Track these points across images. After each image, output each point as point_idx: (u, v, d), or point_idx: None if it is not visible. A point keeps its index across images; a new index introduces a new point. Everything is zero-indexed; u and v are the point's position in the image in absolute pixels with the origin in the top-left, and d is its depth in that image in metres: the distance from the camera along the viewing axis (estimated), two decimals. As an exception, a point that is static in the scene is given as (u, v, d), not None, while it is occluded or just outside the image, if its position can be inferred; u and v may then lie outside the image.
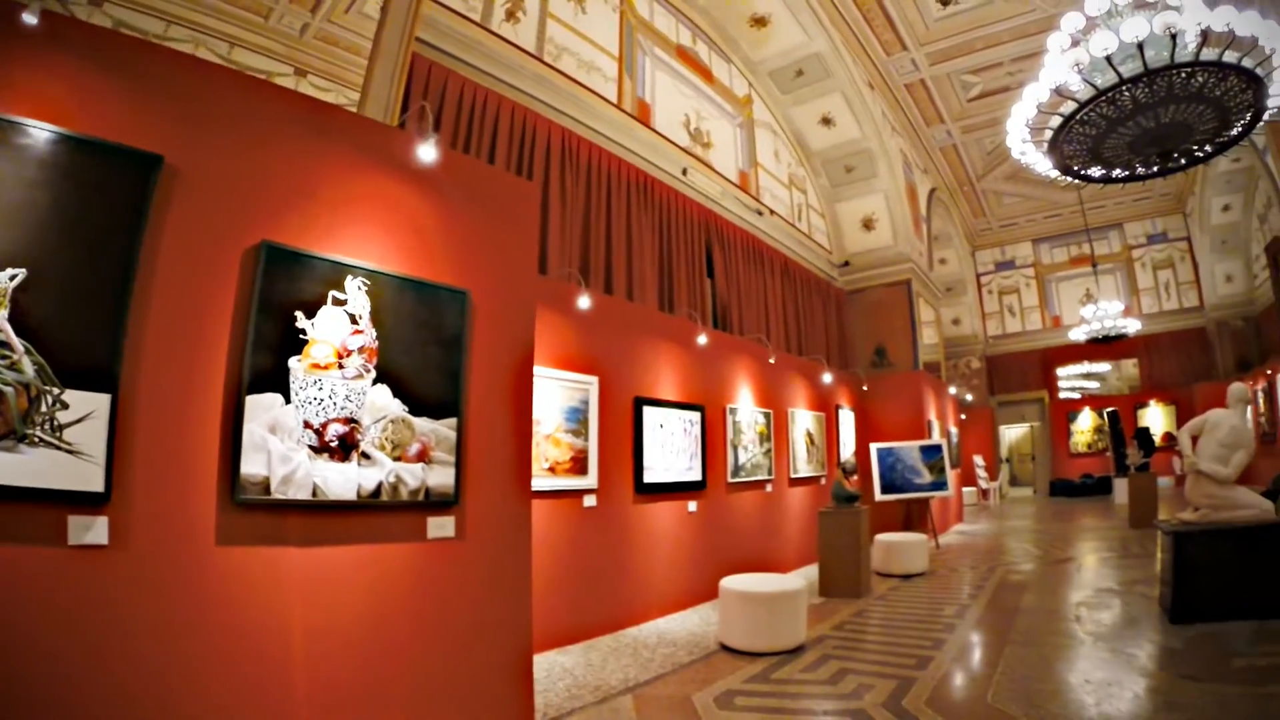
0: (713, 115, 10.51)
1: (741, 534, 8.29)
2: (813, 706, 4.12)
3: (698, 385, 7.72)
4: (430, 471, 3.25)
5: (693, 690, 4.43)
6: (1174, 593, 5.67)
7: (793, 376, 10.04)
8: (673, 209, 8.85)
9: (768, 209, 11.41)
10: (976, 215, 21.35)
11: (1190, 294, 20.45)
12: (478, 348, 3.59)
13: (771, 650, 5.24)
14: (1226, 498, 5.79)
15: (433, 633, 3.25)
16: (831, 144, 13.22)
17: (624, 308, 7.12)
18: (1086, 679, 4.42)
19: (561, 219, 7.05)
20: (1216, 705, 3.83)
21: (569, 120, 7.57)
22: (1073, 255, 21.66)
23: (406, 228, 3.44)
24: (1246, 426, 5.98)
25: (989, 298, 23.01)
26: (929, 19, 12.28)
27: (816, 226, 13.46)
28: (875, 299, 13.79)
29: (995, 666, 4.78)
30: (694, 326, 7.81)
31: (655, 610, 6.67)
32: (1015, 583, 7.90)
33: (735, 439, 8.21)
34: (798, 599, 5.42)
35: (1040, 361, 22.29)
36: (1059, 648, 5.20)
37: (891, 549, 8.64)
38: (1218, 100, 5.60)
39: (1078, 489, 20.35)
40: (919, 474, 11.31)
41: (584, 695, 4.38)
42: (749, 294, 10.30)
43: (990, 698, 4.13)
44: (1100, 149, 6.29)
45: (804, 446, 10.03)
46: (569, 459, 5.89)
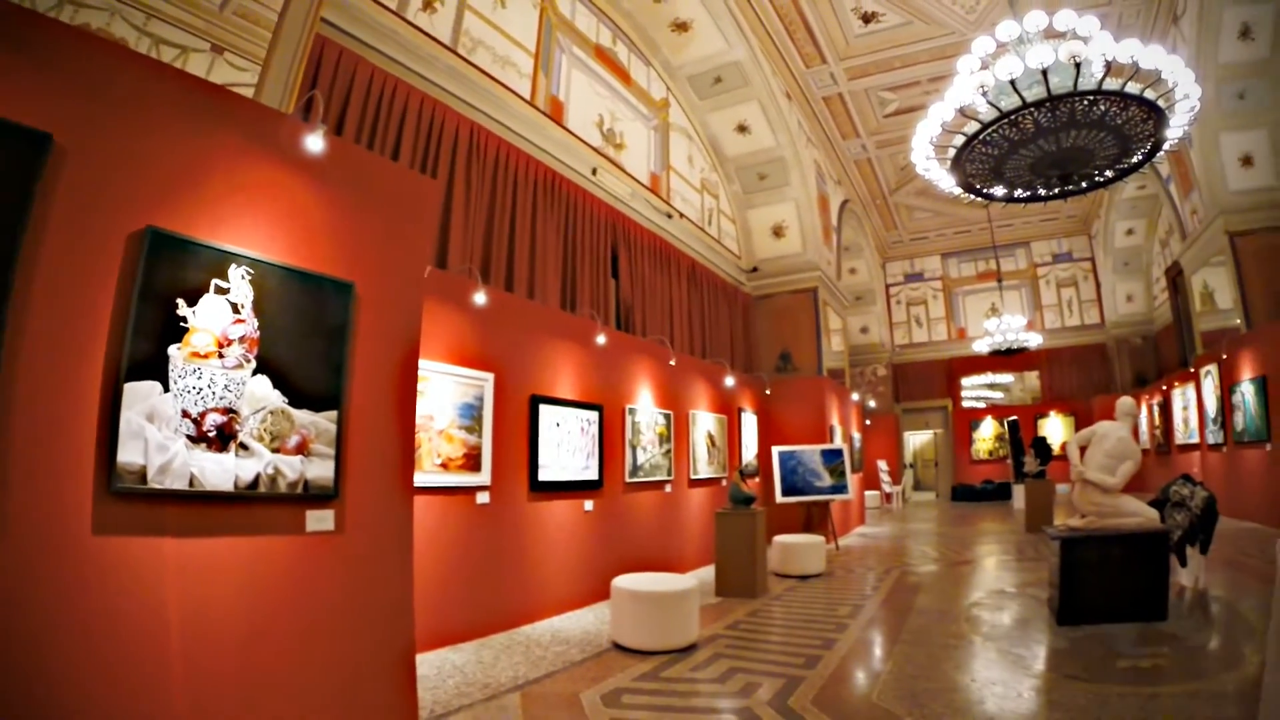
0: (627, 117, 10.72)
1: (639, 534, 8.51)
2: (698, 705, 4.22)
3: (597, 385, 7.92)
4: (309, 464, 3.28)
5: (582, 688, 4.52)
6: (1061, 596, 5.95)
7: (695, 379, 10.35)
8: (580, 208, 9.00)
9: (677, 212, 11.70)
10: (888, 228, 22.28)
11: (1092, 311, 22.15)
12: (362, 341, 3.61)
13: (663, 649, 5.38)
14: (1113, 506, 6.13)
15: (313, 627, 3.26)
16: (746, 151, 13.64)
17: (523, 305, 7.24)
18: (973, 678, 4.60)
19: (465, 214, 7.11)
20: (1098, 705, 3.98)
21: (480, 115, 7.64)
22: (980, 270, 22.99)
23: (294, 217, 3.45)
24: (1132, 438, 6.35)
25: (897, 308, 24.12)
26: (850, 35, 12.78)
27: (727, 232, 13.84)
28: (782, 305, 14.26)
29: (883, 665, 4.99)
30: (594, 326, 7.98)
31: (550, 609, 6.80)
32: (910, 584, 8.25)
33: (634, 439, 8.44)
34: (688, 598, 5.57)
35: (945, 371, 23.54)
36: (948, 648, 5.39)
37: (789, 550, 8.93)
38: (1119, 128, 5.92)
39: (979, 494, 21.62)
40: (820, 477, 11.75)
41: (473, 693, 4.44)
42: (653, 296, 10.53)
43: (875, 696, 4.27)
44: (1002, 169, 6.59)
45: (705, 448, 10.33)
46: (462, 455, 5.96)
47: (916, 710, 3.99)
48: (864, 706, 4.12)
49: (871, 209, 20.55)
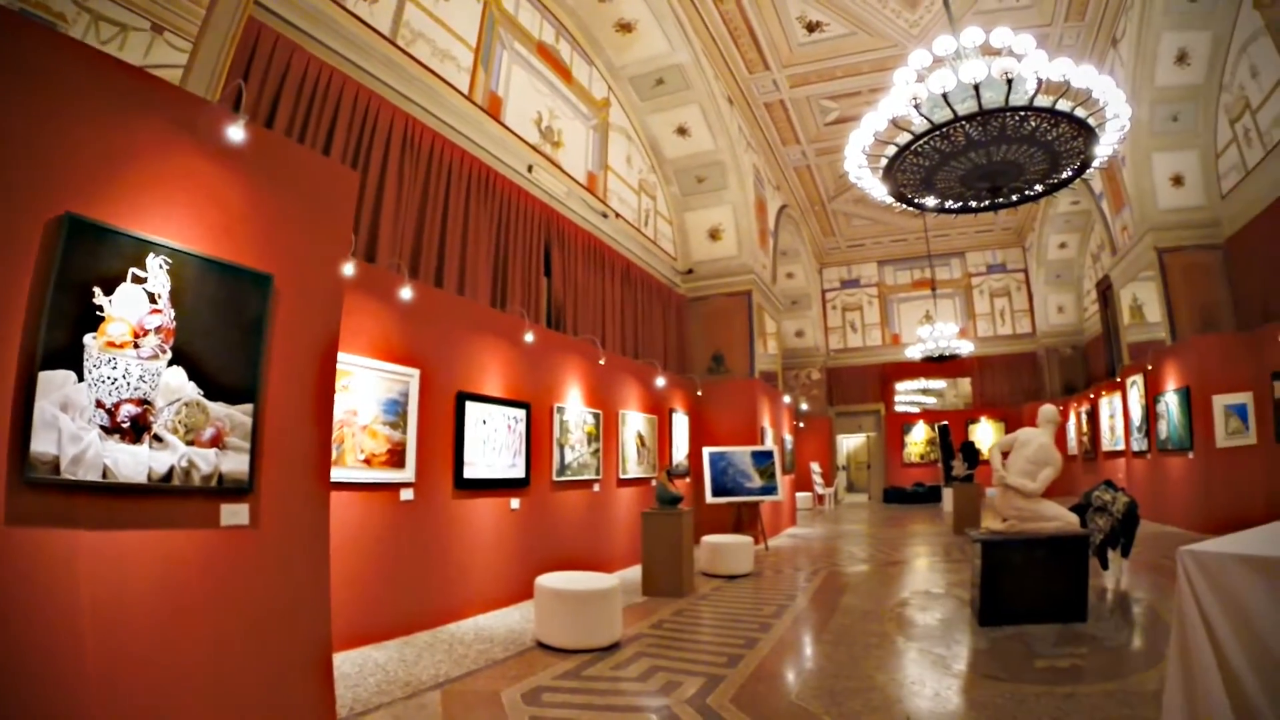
0: (567, 115, 10.81)
1: (567, 533, 8.62)
2: (618, 703, 4.26)
3: (525, 383, 8.02)
4: (224, 457, 3.28)
5: (503, 686, 4.56)
6: (983, 597, 6.10)
7: (626, 379, 10.54)
8: (514, 205, 9.07)
9: (614, 212, 11.84)
10: (826, 234, 22.80)
11: (1024, 321, 23.20)
12: (280, 333, 3.61)
13: (586, 648, 5.45)
14: (1033, 510, 6.31)
15: (228, 623, 3.25)
16: (685, 154, 13.86)
17: (452, 301, 7.29)
18: (892, 677, 4.70)
19: (397, 208, 7.12)
20: (1015, 704, 4.08)
21: (416, 108, 7.64)
22: (915, 278, 23.70)
23: (214, 207, 3.43)
24: (1053, 445, 6.58)
25: (833, 313, 24.72)
26: (794, 43, 13.03)
27: (663, 233, 14.05)
28: (716, 307, 14.53)
29: (805, 664, 5.13)
30: (523, 324, 8.07)
31: (476, 607, 6.86)
32: (837, 584, 8.46)
33: (562, 438, 8.56)
34: (611, 597, 5.65)
35: (879, 376, 24.24)
36: (870, 647, 5.50)
37: (717, 550, 9.11)
38: (1049, 144, 6.06)
39: (910, 496, 22.46)
40: (750, 478, 12.02)
41: (393, 690, 4.47)
42: (586, 295, 10.65)
43: (795, 695, 4.36)
44: (933, 179, 6.68)
45: (634, 448, 10.50)
46: (386, 451, 5.99)
47: (834, 709, 4.08)
48: (782, 705, 4.21)
49: (810, 215, 21.03)
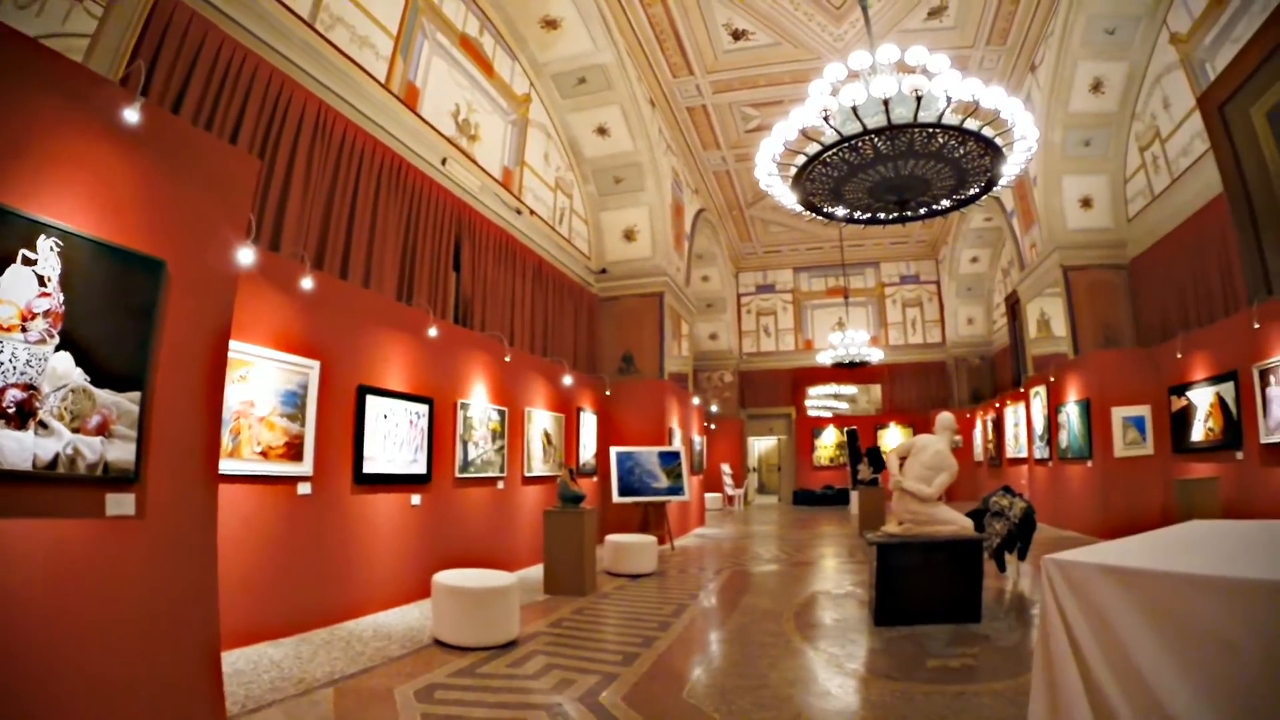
0: (485, 109, 10.86)
1: (470, 530, 8.67)
2: (509, 700, 4.32)
3: (429, 378, 8.06)
4: (110, 445, 3.26)
5: (397, 683, 4.60)
6: (879, 598, 6.30)
7: (533, 376, 10.67)
8: (425, 198, 9.08)
9: (528, 209, 11.93)
10: (743, 239, 23.34)
11: (934, 331, 24.40)
12: (171, 321, 3.59)
13: (483, 645, 5.50)
14: (929, 514, 6.53)
15: (113, 614, 3.22)
16: (604, 153, 14.07)
17: (356, 293, 7.29)
18: (784, 676, 4.80)
19: (304, 196, 7.08)
20: (904, 702, 4.22)
21: (330, 95, 7.59)
22: (830, 286, 24.54)
23: (109, 190, 3.41)
24: (949, 452, 6.84)
25: (747, 317, 25.37)
26: (719, 49, 13.31)
27: (578, 232, 14.21)
28: (628, 307, 14.78)
29: (699, 663, 5.26)
30: (427, 318, 8.09)
31: (376, 604, 6.86)
32: (739, 584, 8.71)
33: (466, 434, 8.64)
34: (508, 595, 5.74)
35: (791, 380, 25.00)
36: (765, 646, 5.63)
37: (620, 549, 9.28)
38: (956, 161, 6.27)
39: (819, 498, 23.27)
40: (656, 478, 12.31)
41: (286, 688, 4.47)
42: (496, 291, 10.71)
43: (686, 693, 4.43)
44: (842, 190, 6.89)
45: (540, 446, 10.63)
46: (283, 444, 5.96)
47: (724, 707, 4.18)
48: (673, 703, 4.29)
49: (728, 219, 21.51)
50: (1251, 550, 3.26)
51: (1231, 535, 3.80)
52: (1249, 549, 3.29)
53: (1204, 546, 3.42)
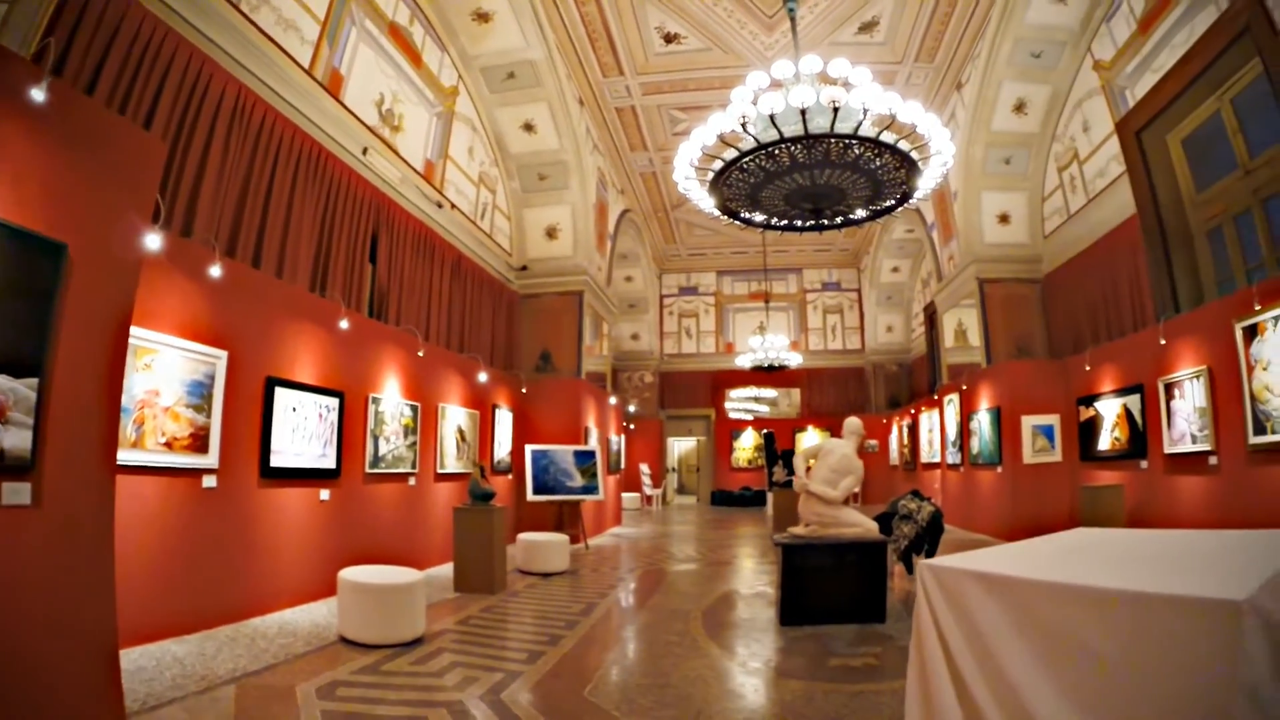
0: (411, 100, 10.82)
1: (380, 526, 8.65)
2: (411, 698, 4.35)
3: (341, 371, 8.02)
4: (6, 433, 3.21)
5: (299, 681, 4.60)
6: (785, 598, 6.44)
7: (448, 372, 10.70)
8: (344, 187, 9.02)
9: (449, 202, 11.91)
10: (668, 241, 23.67)
11: (854, 338, 25.29)
12: (71, 305, 3.54)
13: (388, 643, 5.52)
14: (834, 516, 6.70)
15: (7, 606, 3.16)
16: (530, 150, 14.14)
17: (267, 282, 7.22)
18: (687, 675, 4.87)
19: (219, 181, 6.98)
20: (804, 700, 4.33)
21: (251, 78, 7.49)
22: (752, 290, 25.13)
23: (10, 169, 3.34)
24: (855, 455, 7.01)
25: (669, 318, 25.74)
26: (650, 51, 13.46)
27: (500, 228, 14.24)
28: (547, 305, 14.87)
29: (603, 662, 5.30)
30: (339, 310, 8.03)
31: (282, 601, 6.81)
32: (650, 583, 8.87)
33: (377, 429, 8.62)
34: (414, 592, 5.77)
35: (711, 382, 25.45)
36: (671, 645, 5.73)
37: (532, 547, 9.37)
38: (871, 173, 6.41)
39: (737, 499, 23.86)
40: (571, 477, 12.45)
41: (188, 685, 4.44)
42: (413, 285, 10.69)
43: (588, 692, 4.48)
44: (758, 196, 7.02)
45: (454, 442, 10.66)
46: (189, 435, 5.87)
47: (625, 705, 4.25)
48: (574, 701, 4.35)
49: (653, 221, 21.81)
50: (1126, 559, 3.35)
51: (1112, 543, 3.95)
52: (1124, 558, 3.39)
53: (1081, 554, 3.56)
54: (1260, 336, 7.69)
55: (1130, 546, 3.76)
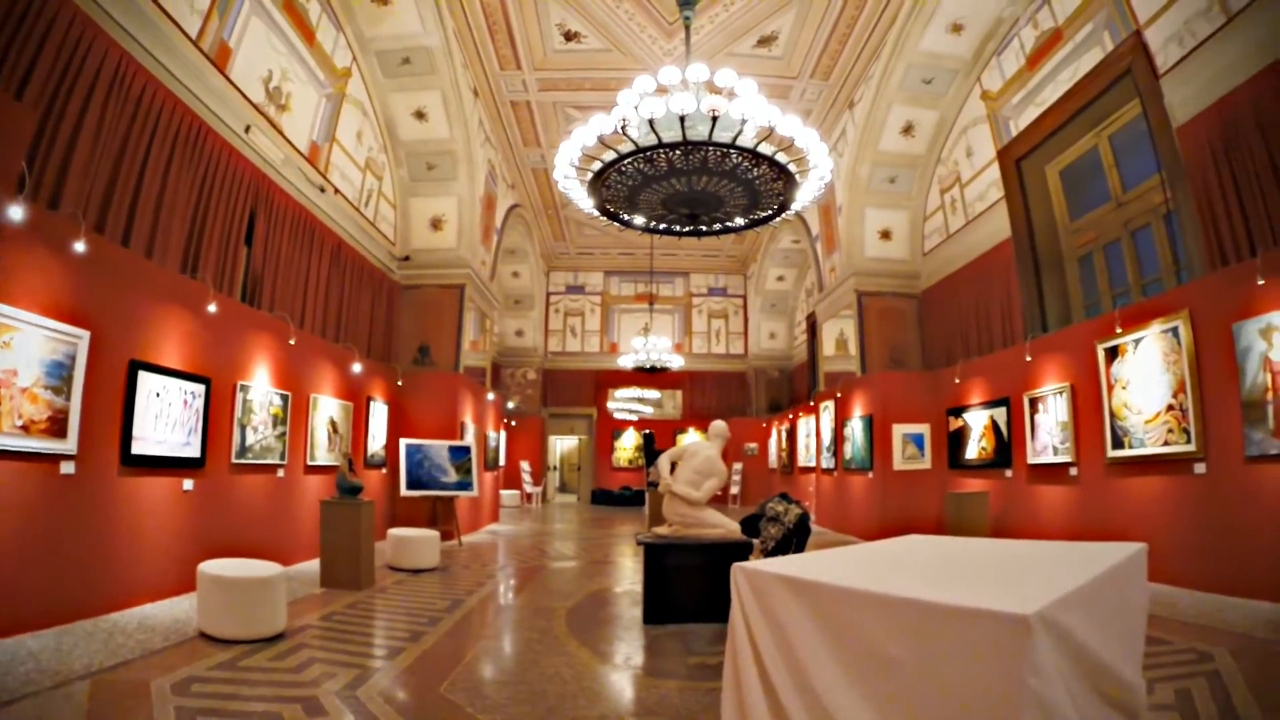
0: (301, 79, 10.63)
1: (247, 518, 8.51)
2: (265, 694, 4.36)
3: (208, 356, 7.84)
4: None
5: (155, 676, 4.56)
6: (648, 597, 6.64)
7: (321, 361, 10.61)
8: (223, 166, 8.83)
9: (333, 187, 11.75)
10: (557, 239, 23.93)
11: (738, 343, 26.30)
12: None
13: (248, 638, 5.49)
14: (697, 517, 6.96)
15: None
16: (420, 138, 14.09)
17: (137, 261, 7.03)
18: (545, 672, 4.97)
19: (92, 152, 6.76)
20: (657, 698, 4.48)
21: (134, 45, 7.25)
22: (639, 292, 25.67)
23: None
24: (719, 458, 7.30)
25: (555, 316, 26.04)
26: (549, 47, 13.62)
27: (384, 216, 14.10)
28: (428, 297, 14.79)
29: (463, 658, 5.36)
30: (208, 293, 7.84)
31: (143, 595, 6.64)
32: (519, 581, 9.04)
33: (245, 418, 8.49)
34: (274, 586, 5.76)
35: (594, 381, 25.93)
36: (533, 643, 5.87)
37: (402, 543, 9.43)
38: (749, 183, 6.63)
39: (617, 499, 24.37)
40: (446, 472, 12.55)
41: (42, 680, 4.38)
42: (289, 270, 10.50)
43: (444, 688, 4.55)
44: (636, 199, 7.12)
45: (325, 434, 10.56)
46: (47, 419, 5.69)
47: (478, 702, 4.32)
48: (429, 697, 4.43)
49: (543, 218, 22.01)
50: (941, 567, 3.49)
51: (935, 552, 4.10)
52: (941, 566, 3.53)
53: (899, 561, 3.69)
54: (1121, 358, 8.66)
55: (951, 555, 3.92)
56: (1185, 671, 4.63)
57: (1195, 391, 7.55)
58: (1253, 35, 7.30)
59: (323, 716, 3.99)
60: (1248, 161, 7.37)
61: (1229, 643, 5.24)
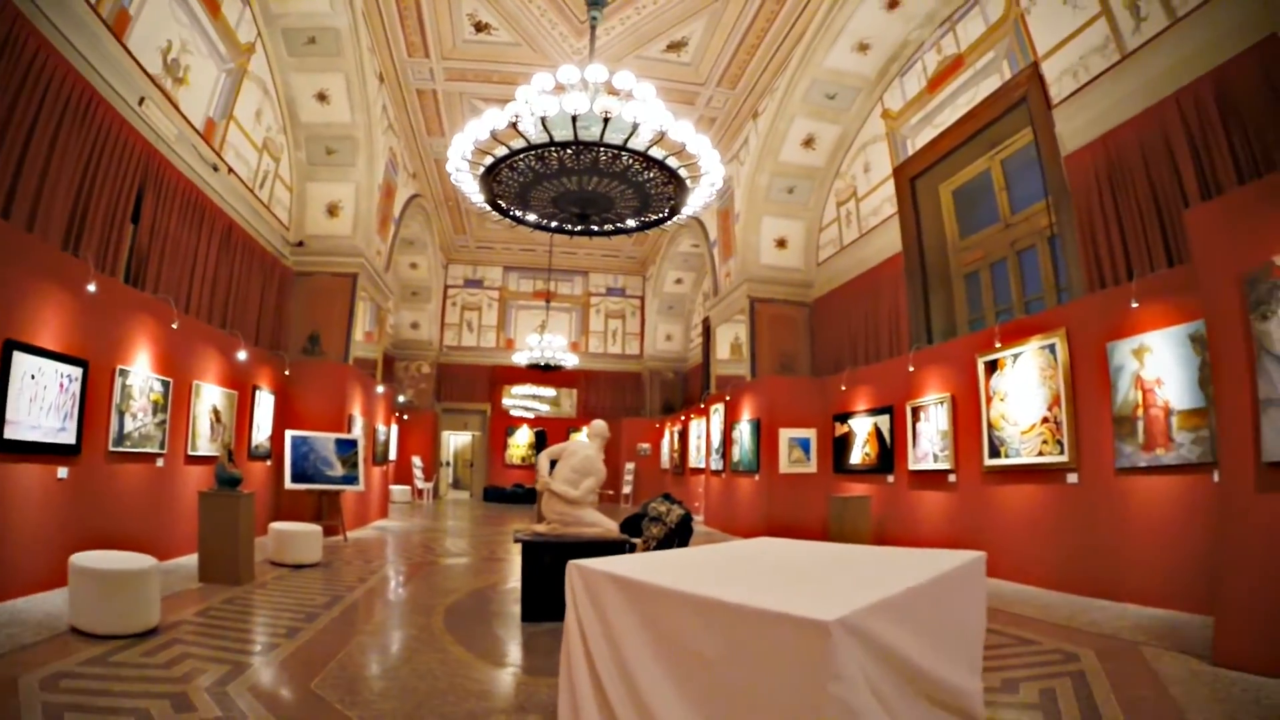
0: (201, 52, 10.30)
1: (124, 509, 8.25)
2: (135, 690, 4.31)
3: (87, 338, 7.59)
4: None
5: (23, 672, 4.47)
6: (525, 594, 6.74)
7: (206, 347, 10.34)
8: (113, 139, 8.52)
9: (227, 167, 11.45)
10: (457, 231, 23.80)
11: (634, 344, 26.78)
12: None
13: (121, 633, 5.41)
14: (575, 515, 7.11)
15: None
16: (321, 121, 13.82)
17: (14, 235, 6.73)
18: (416, 669, 5.02)
19: (-22, 122, 6.50)
20: (525, 694, 4.55)
21: (29, 6, 6.98)
22: (537, 289, 25.83)
23: None
24: (599, 458, 7.45)
25: (452, 309, 25.91)
26: (459, 37, 13.60)
27: (280, 199, 13.77)
28: (321, 285, 14.48)
29: (336, 654, 5.34)
30: (90, 271, 7.58)
31: (15, 588, 6.38)
32: (403, 577, 9.06)
33: (124, 404, 8.25)
34: (148, 579, 5.68)
35: (489, 377, 25.94)
36: (408, 639, 5.94)
37: (284, 538, 9.31)
38: (640, 186, 6.83)
39: (509, 496, 24.40)
40: (332, 466, 12.40)
41: None
42: (177, 252, 10.17)
43: (315, 684, 4.56)
44: (528, 196, 7.31)
45: (208, 423, 10.31)
46: None
47: (348, 698, 4.35)
48: (299, 693, 4.44)
49: (444, 209, 21.87)
50: (776, 570, 3.63)
51: (779, 554, 4.28)
52: (776, 569, 3.67)
53: (734, 563, 3.83)
54: (1000, 371, 9.32)
55: (790, 559, 4.07)
56: (1052, 671, 4.96)
57: (1069, 405, 8.24)
58: (1144, 74, 8.06)
59: (191, 712, 3.99)
60: (1130, 192, 8.15)
61: (1096, 644, 5.65)
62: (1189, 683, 4.63)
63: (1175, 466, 6.96)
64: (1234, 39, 7.03)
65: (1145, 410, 7.25)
